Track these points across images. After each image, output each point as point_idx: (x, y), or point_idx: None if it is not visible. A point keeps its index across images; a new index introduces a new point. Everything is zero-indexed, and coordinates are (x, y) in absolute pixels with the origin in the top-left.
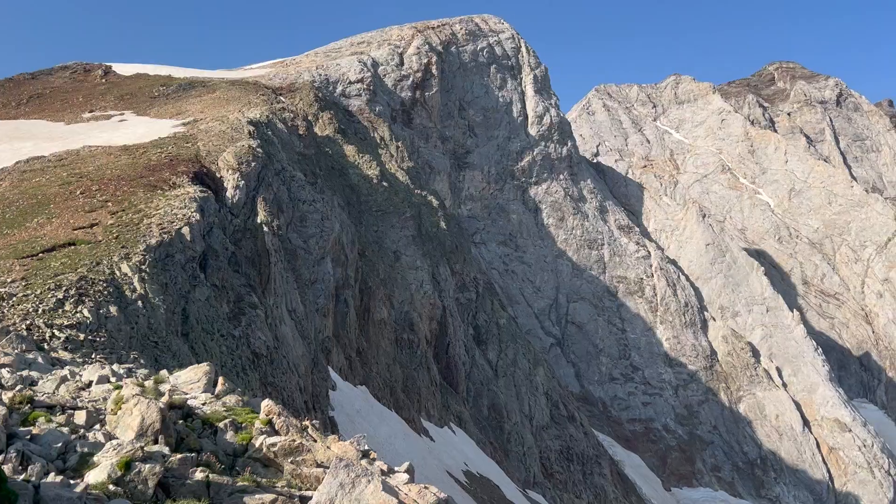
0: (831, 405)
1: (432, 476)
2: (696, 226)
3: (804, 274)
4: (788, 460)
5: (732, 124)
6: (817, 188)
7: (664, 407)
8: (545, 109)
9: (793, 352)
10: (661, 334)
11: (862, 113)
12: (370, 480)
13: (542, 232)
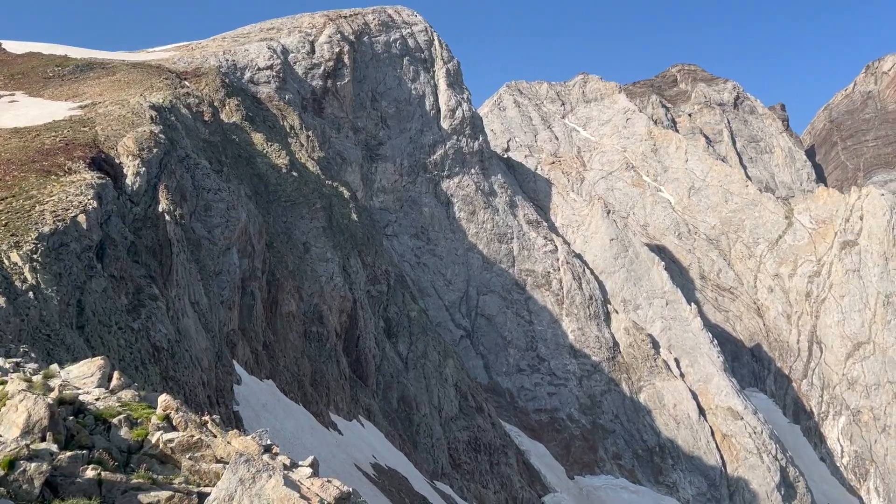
0: (725, 394)
1: (340, 470)
2: (601, 221)
3: (702, 269)
4: (685, 447)
5: (637, 124)
6: (715, 187)
7: (569, 397)
8: (458, 104)
9: (690, 343)
10: (566, 326)
11: (757, 116)
12: (271, 475)
13: (454, 225)
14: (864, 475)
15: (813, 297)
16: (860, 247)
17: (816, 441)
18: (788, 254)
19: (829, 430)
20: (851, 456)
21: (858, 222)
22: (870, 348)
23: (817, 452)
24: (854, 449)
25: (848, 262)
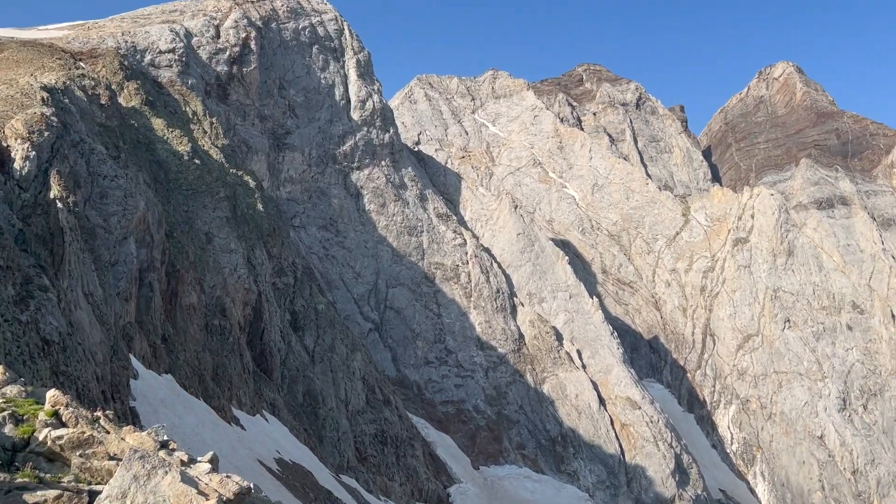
0: (624, 385)
1: (242, 465)
2: (509, 216)
3: (603, 263)
4: (586, 437)
5: (544, 121)
6: (617, 184)
7: (475, 389)
8: (368, 95)
9: (592, 335)
10: (474, 319)
11: (658, 116)
12: (167, 472)
13: (364, 217)
14: (751, 460)
15: (707, 291)
16: (751, 244)
17: (709, 429)
18: (685, 250)
19: (720, 419)
20: (740, 443)
21: (750, 220)
22: (758, 340)
23: (709, 440)
24: (743, 436)
25: (740, 259)
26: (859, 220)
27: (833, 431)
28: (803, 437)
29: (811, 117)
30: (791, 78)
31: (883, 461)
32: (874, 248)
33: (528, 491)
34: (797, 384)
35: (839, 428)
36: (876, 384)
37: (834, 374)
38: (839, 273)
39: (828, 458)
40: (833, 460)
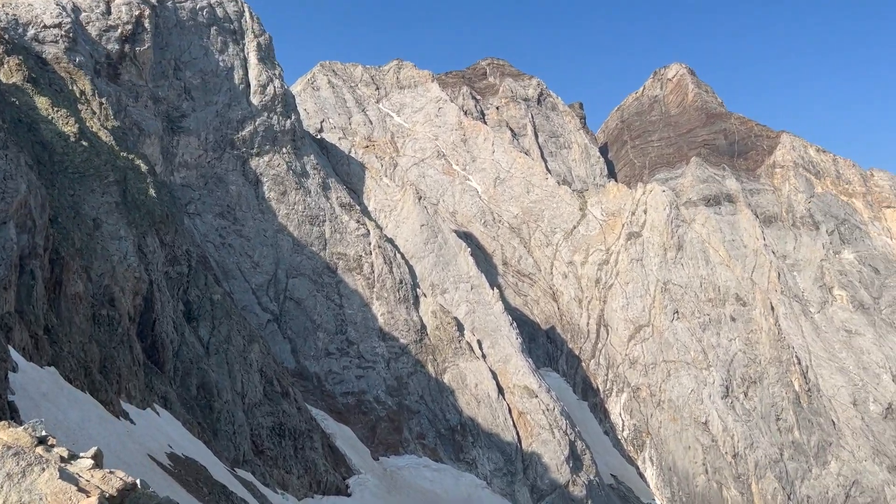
0: (522, 374)
1: (131, 461)
2: (413, 207)
3: (504, 255)
4: (484, 425)
5: (448, 113)
6: (518, 178)
7: (376, 379)
8: (269, 79)
9: (492, 326)
10: (376, 310)
11: (558, 112)
12: (45, 468)
13: (263, 205)
14: (640, 446)
15: (602, 283)
16: (643, 238)
17: (601, 416)
18: (582, 243)
19: (612, 406)
20: (631, 429)
21: (643, 216)
22: (649, 331)
23: (602, 426)
24: (633, 423)
25: (633, 252)
26: (744, 217)
27: (716, 417)
28: (689, 423)
29: (701, 118)
30: (683, 79)
31: (761, 445)
32: (756, 244)
33: (427, 480)
34: (684, 373)
35: (722, 414)
36: (756, 372)
37: (718, 362)
38: (724, 267)
39: (711, 442)
40: (716, 445)
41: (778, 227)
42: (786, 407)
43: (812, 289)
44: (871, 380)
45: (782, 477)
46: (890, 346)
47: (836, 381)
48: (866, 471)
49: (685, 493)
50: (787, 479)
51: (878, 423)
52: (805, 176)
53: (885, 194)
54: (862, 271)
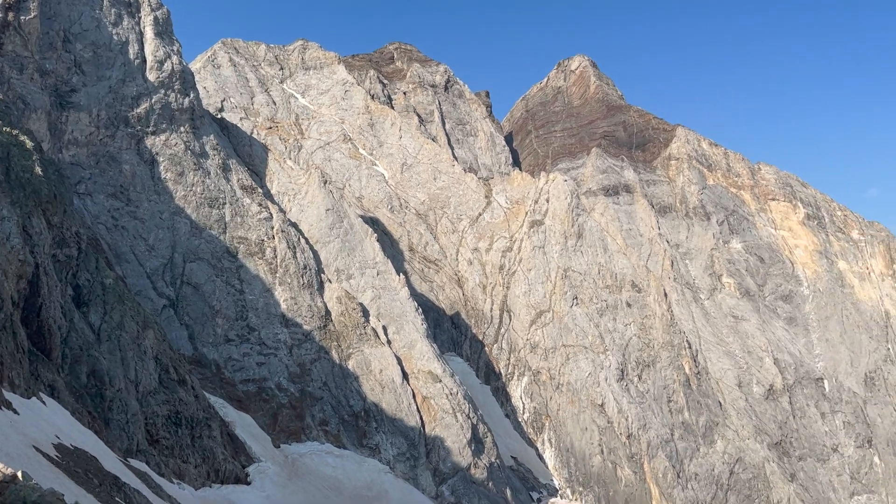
0: (427, 359)
1: (14, 452)
2: (318, 191)
3: (411, 241)
4: (389, 411)
5: (355, 96)
6: (425, 164)
7: (278, 366)
8: (166, 55)
9: (397, 312)
10: (279, 295)
11: (465, 100)
12: None
13: (159, 186)
14: (540, 428)
15: (505, 269)
16: (545, 226)
17: (503, 399)
18: (486, 230)
19: (513, 390)
20: (531, 412)
21: (545, 204)
22: (549, 316)
23: (503, 410)
24: (533, 405)
25: (535, 240)
26: (640, 206)
27: (612, 400)
28: (586, 405)
29: (602, 110)
30: (586, 71)
31: (653, 425)
32: (652, 233)
33: (329, 467)
34: (582, 357)
35: (617, 396)
36: (649, 356)
37: (614, 347)
38: (621, 255)
39: (607, 424)
40: (611, 426)
41: (672, 216)
42: (677, 389)
43: (702, 276)
44: (755, 363)
45: (672, 456)
46: (772, 331)
47: (723, 365)
48: (749, 449)
49: (582, 472)
50: (677, 458)
51: (761, 403)
52: (698, 168)
53: (770, 187)
54: (748, 260)
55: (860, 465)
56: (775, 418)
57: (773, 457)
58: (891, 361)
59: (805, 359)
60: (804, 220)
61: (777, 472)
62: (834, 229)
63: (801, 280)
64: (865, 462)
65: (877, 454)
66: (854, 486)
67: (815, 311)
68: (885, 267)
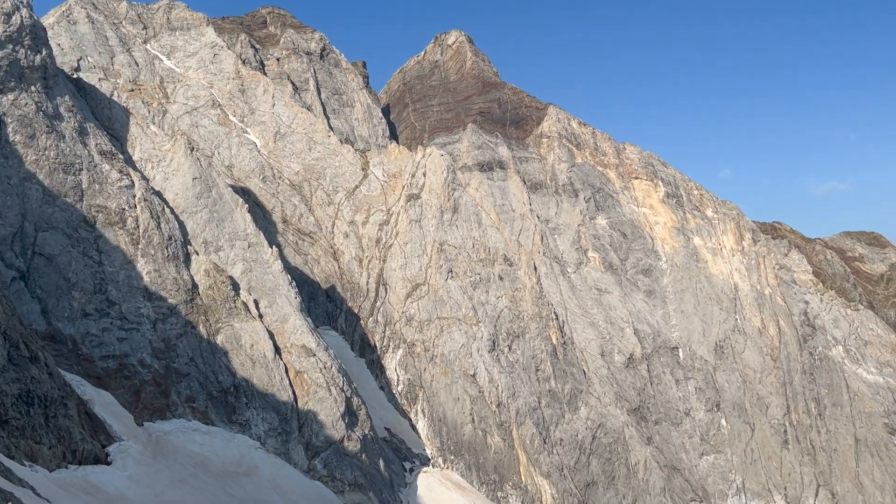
0: (300, 333)
1: None
2: (184, 158)
3: (284, 213)
4: (260, 386)
5: (225, 61)
6: (300, 134)
7: (141, 342)
8: (14, 7)
9: (270, 285)
10: (142, 268)
11: (341, 69)
12: None
13: (7, 150)
14: (414, 399)
15: (382, 243)
16: (422, 200)
17: (378, 372)
18: (363, 203)
19: (388, 362)
20: (405, 384)
21: (422, 178)
22: (425, 289)
23: (378, 382)
24: (408, 377)
25: (412, 213)
26: (513, 183)
27: (483, 370)
28: (459, 376)
29: (478, 86)
30: (463, 47)
31: (522, 394)
32: (524, 209)
33: (196, 444)
34: (456, 329)
35: (488, 367)
36: (519, 327)
37: (486, 319)
38: (494, 229)
39: (478, 393)
40: (482, 395)
41: (543, 193)
42: (544, 359)
43: (570, 251)
44: (617, 333)
45: (539, 423)
46: (633, 303)
47: (588, 335)
48: (610, 414)
49: (453, 441)
50: (544, 425)
51: (621, 371)
52: (568, 147)
53: (634, 166)
54: (612, 236)
55: (709, 428)
56: (634, 385)
57: (632, 421)
58: (738, 331)
59: (662, 329)
60: (664, 198)
61: (635, 436)
62: (691, 207)
63: (660, 255)
64: (714, 424)
65: (724, 417)
66: (703, 447)
67: (672, 285)
68: (735, 243)
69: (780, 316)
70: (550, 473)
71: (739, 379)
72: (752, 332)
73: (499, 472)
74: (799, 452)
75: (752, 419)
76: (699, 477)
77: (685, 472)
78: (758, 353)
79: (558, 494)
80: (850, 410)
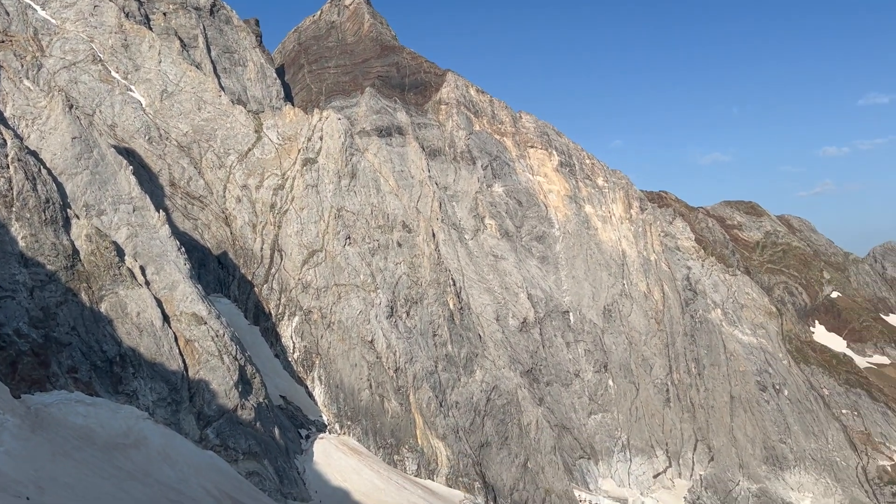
0: (190, 301)
1: None
2: (63, 116)
3: (172, 176)
4: (147, 355)
5: (106, 13)
6: (188, 93)
7: (17, 310)
8: None
9: (157, 251)
10: (16, 232)
11: (232, 27)
12: None
13: None
14: (310, 366)
15: (277, 208)
16: (319, 164)
17: (273, 340)
18: (257, 166)
19: (284, 330)
20: (301, 351)
21: (319, 142)
22: (322, 256)
23: (273, 350)
24: (304, 344)
25: (308, 178)
26: (412, 149)
27: (381, 336)
28: (357, 342)
29: (376, 49)
30: (360, 8)
31: (419, 359)
32: (422, 175)
33: (80, 416)
34: (354, 295)
35: (386, 333)
36: (417, 294)
37: (385, 285)
38: (393, 196)
39: (376, 359)
40: (380, 361)
41: (441, 160)
42: (441, 324)
43: (467, 218)
44: (511, 298)
45: (436, 386)
46: (527, 269)
47: (484, 300)
48: (504, 377)
49: (350, 407)
50: (440, 389)
51: (515, 335)
52: (466, 114)
53: (530, 135)
54: (508, 203)
55: (597, 388)
56: (527, 348)
57: (525, 383)
58: (625, 296)
59: (554, 294)
60: (558, 167)
61: (528, 398)
62: (583, 176)
63: (553, 222)
64: (601, 385)
65: (611, 377)
66: (592, 406)
67: (564, 251)
68: (624, 211)
69: (664, 281)
70: (446, 436)
71: (626, 341)
72: (638, 296)
73: (395, 437)
74: (679, 410)
75: (637, 379)
76: (587, 435)
77: (574, 430)
78: (643, 316)
79: (453, 456)
80: (727, 369)
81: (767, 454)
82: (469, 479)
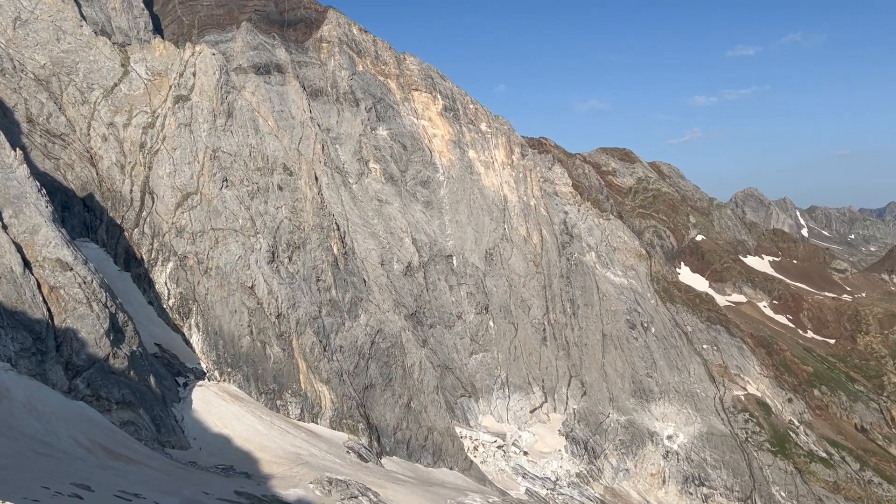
0: (54, 246)
1: None
2: None
3: (29, 112)
4: (7, 304)
5: None
6: (45, 21)
7: None
8: None
9: (14, 192)
10: None
11: None
12: None
13: None
14: (187, 313)
15: (147, 148)
16: (192, 102)
17: (146, 286)
18: (124, 103)
19: (157, 276)
20: (177, 297)
21: (192, 79)
22: (197, 199)
23: (146, 297)
24: (180, 291)
25: (181, 117)
26: (292, 88)
27: (262, 282)
28: (236, 288)
29: None
30: None
31: (302, 304)
32: (304, 116)
33: None
34: (232, 240)
35: (268, 278)
36: (300, 238)
37: (265, 230)
38: (273, 137)
39: (257, 305)
40: (261, 307)
41: (323, 101)
42: (325, 269)
43: (351, 161)
44: (396, 243)
45: (320, 331)
46: (412, 214)
47: (369, 245)
48: (388, 320)
49: (230, 354)
50: (324, 333)
51: (400, 279)
52: (349, 54)
53: (414, 78)
54: (393, 147)
55: (478, 329)
56: (412, 292)
57: (409, 326)
58: (506, 240)
59: (438, 238)
60: (442, 111)
61: (412, 340)
62: (466, 121)
63: (438, 167)
64: (483, 326)
65: (492, 319)
66: (473, 347)
67: (448, 196)
68: (506, 157)
69: (542, 225)
70: (330, 379)
71: (506, 283)
72: (518, 240)
73: (278, 382)
74: (555, 348)
75: (516, 320)
76: (468, 374)
77: (456, 370)
78: (523, 259)
79: (337, 399)
80: (599, 309)
81: (635, 388)
82: (353, 420)
